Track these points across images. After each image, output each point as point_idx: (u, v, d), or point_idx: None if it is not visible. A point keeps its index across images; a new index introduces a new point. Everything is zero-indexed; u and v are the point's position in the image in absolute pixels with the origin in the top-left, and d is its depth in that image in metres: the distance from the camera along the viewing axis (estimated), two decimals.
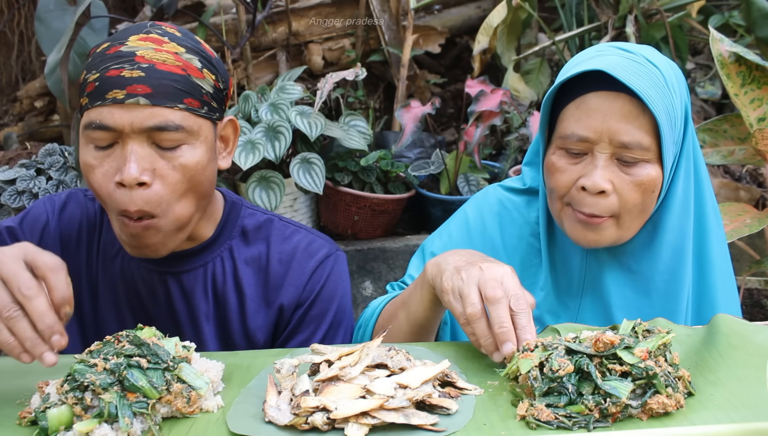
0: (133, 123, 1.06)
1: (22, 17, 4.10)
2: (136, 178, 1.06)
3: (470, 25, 4.06)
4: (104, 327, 1.26)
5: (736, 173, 3.58)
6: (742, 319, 1.06)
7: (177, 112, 1.09)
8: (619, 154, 1.14)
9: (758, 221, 2.24)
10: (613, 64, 1.12)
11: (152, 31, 1.12)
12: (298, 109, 2.80)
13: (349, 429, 0.80)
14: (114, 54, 1.09)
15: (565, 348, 0.88)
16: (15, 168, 2.89)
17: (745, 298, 3.02)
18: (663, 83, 1.13)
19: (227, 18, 3.66)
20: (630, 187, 1.14)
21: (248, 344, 1.26)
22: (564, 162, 1.18)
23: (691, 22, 3.32)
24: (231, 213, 1.29)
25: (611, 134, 1.12)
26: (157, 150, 1.09)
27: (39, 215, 1.29)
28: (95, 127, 1.08)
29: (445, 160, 3.09)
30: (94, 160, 1.10)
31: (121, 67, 1.07)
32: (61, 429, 0.83)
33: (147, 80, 1.07)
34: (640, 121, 1.12)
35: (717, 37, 2.29)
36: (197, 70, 1.12)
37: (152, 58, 1.08)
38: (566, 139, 1.16)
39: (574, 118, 1.15)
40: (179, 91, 1.09)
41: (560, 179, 1.18)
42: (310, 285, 1.27)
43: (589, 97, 1.14)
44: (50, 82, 2.76)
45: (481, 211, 1.40)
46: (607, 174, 1.13)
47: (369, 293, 2.99)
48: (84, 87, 1.11)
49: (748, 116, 2.27)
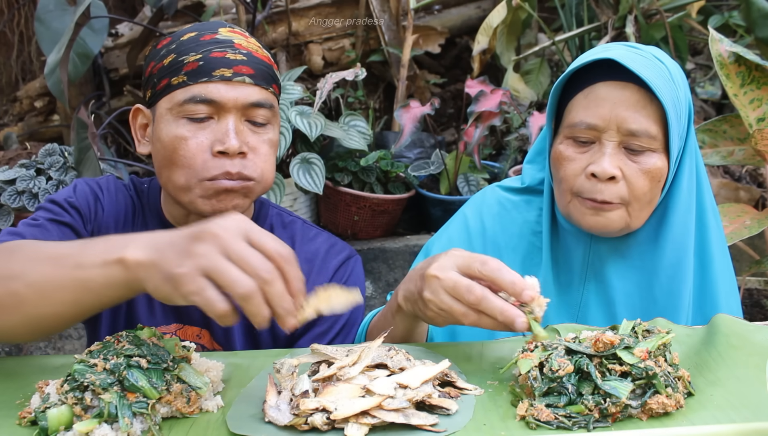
0: (237, 98, 1.18)
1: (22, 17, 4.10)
2: (238, 147, 1.17)
3: (470, 25, 4.06)
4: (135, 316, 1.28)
5: (735, 174, 3.58)
6: (741, 319, 1.06)
7: (269, 94, 1.23)
8: (626, 143, 1.15)
9: (758, 222, 2.24)
10: (622, 55, 1.14)
11: (234, 27, 1.25)
12: (298, 109, 2.80)
13: (349, 429, 0.80)
14: (212, 40, 1.20)
15: (564, 348, 0.88)
16: (15, 168, 2.89)
17: (745, 298, 3.02)
18: (669, 77, 1.16)
19: (227, 18, 3.66)
20: (638, 175, 1.15)
21: (272, 334, 1.31)
22: (572, 151, 1.19)
23: (690, 23, 3.32)
24: (261, 210, 1.37)
25: (619, 122, 1.14)
26: (250, 126, 1.21)
27: (89, 192, 1.30)
28: (199, 100, 1.17)
29: (445, 161, 3.09)
30: (187, 132, 1.18)
31: (224, 51, 1.19)
32: (61, 429, 0.83)
33: (249, 63, 1.20)
34: (648, 111, 1.14)
35: (716, 38, 2.29)
36: (275, 63, 1.27)
37: (248, 47, 1.22)
38: (574, 128, 1.18)
39: (582, 107, 1.17)
40: (270, 77, 1.23)
41: (568, 168, 1.19)
42: (333, 282, 1.32)
43: (597, 86, 1.17)
44: (50, 82, 2.76)
45: (480, 213, 1.40)
46: (615, 161, 1.15)
47: (369, 292, 2.99)
48: (177, 67, 1.19)
49: (747, 116, 2.27)
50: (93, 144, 2.52)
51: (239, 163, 1.18)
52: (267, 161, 1.22)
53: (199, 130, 1.18)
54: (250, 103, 1.19)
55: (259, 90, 1.20)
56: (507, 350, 1.03)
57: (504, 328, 0.93)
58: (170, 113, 1.19)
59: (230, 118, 1.18)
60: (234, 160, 1.17)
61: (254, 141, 1.21)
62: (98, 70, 3.66)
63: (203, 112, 1.18)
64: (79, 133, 2.60)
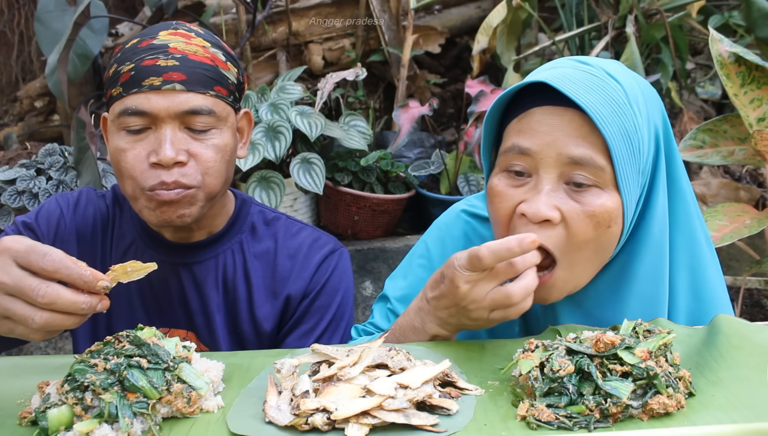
0: (169, 107, 1.13)
1: (23, 17, 4.10)
2: (172, 158, 1.13)
3: (470, 25, 4.06)
4: (115, 320, 1.30)
5: (736, 173, 3.58)
6: (742, 319, 1.05)
7: (209, 98, 1.17)
8: (569, 176, 0.98)
9: (758, 221, 2.24)
10: (561, 76, 0.98)
11: (179, 27, 1.20)
12: (298, 109, 2.80)
13: (349, 430, 0.80)
14: (147, 46, 1.16)
15: (565, 348, 0.88)
16: (15, 168, 2.89)
17: (745, 298, 3.02)
18: (623, 100, 0.98)
19: (227, 18, 3.66)
20: (581, 218, 0.97)
21: (255, 332, 1.31)
22: (504, 184, 1.02)
23: (691, 22, 3.32)
24: (242, 209, 1.36)
25: (559, 148, 0.97)
26: (190, 133, 1.16)
27: (53, 211, 1.32)
28: (131, 112, 1.14)
29: (445, 161, 3.09)
30: (126, 144, 1.16)
31: (156, 57, 1.14)
32: (62, 429, 0.83)
33: (181, 68, 1.14)
34: (592, 139, 0.97)
35: (717, 38, 2.29)
36: (223, 62, 1.20)
37: (184, 50, 1.16)
38: (507, 155, 1.01)
39: (515, 131, 1.02)
40: (210, 79, 1.17)
41: (500, 206, 1.03)
42: (317, 277, 1.32)
43: (533, 110, 1.00)
44: (51, 82, 2.76)
45: (444, 247, 1.27)
46: (553, 200, 0.97)
47: (369, 292, 2.99)
48: (116, 78, 1.16)
49: (747, 116, 2.27)
50: (91, 144, 2.52)
51: (177, 172, 1.14)
52: (212, 167, 1.18)
53: (137, 142, 1.15)
54: (183, 112, 1.15)
55: (194, 96, 1.15)
56: (508, 351, 1.03)
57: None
58: (113, 125, 1.18)
59: (166, 128, 1.14)
60: (171, 170, 1.14)
61: (195, 148, 1.16)
62: (98, 70, 3.66)
63: (138, 123, 1.15)
64: (78, 133, 2.61)
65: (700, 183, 2.88)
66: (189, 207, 1.17)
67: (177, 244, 1.30)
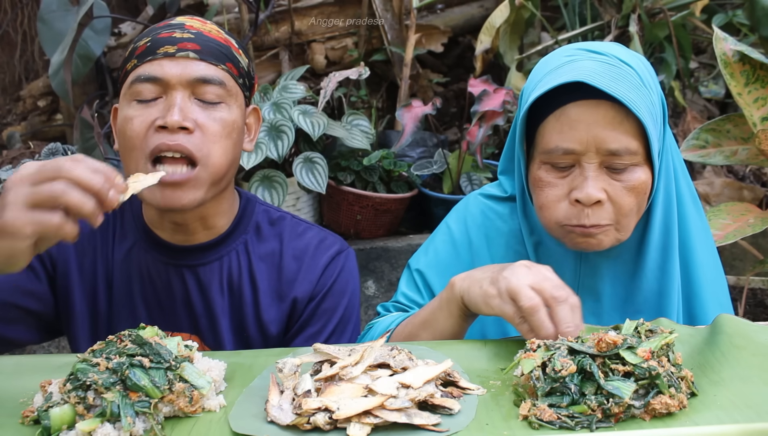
0: (181, 74, 1.14)
1: (26, 17, 4.11)
2: (179, 121, 1.11)
3: (473, 24, 4.06)
4: (116, 321, 1.28)
5: (739, 173, 3.57)
6: (744, 319, 1.05)
7: (220, 71, 1.18)
8: (608, 163, 1.11)
9: (761, 220, 2.24)
10: (590, 71, 1.09)
11: (198, 18, 1.25)
12: (301, 109, 2.80)
13: (351, 429, 0.80)
14: (164, 25, 1.20)
15: (567, 348, 0.88)
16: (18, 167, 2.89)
17: (748, 298, 3.01)
18: (640, 82, 1.11)
19: (230, 17, 3.66)
20: (623, 194, 1.12)
21: (262, 336, 1.29)
22: (551, 177, 1.14)
23: (694, 21, 3.31)
24: (246, 208, 1.33)
25: (598, 143, 1.09)
26: (200, 104, 1.16)
27: None
28: (143, 79, 1.14)
29: (448, 160, 3.09)
30: (135, 112, 1.15)
31: (172, 31, 1.18)
32: (64, 428, 0.83)
33: (196, 40, 1.17)
34: (625, 127, 1.09)
35: (720, 36, 2.28)
36: (236, 47, 1.23)
37: (200, 28, 1.20)
38: (551, 154, 1.13)
39: (556, 131, 1.12)
40: (223, 55, 1.19)
41: (550, 194, 1.15)
42: (323, 279, 1.30)
43: (568, 108, 1.11)
44: (54, 83, 2.76)
45: (465, 224, 1.36)
46: (599, 183, 1.11)
47: (372, 292, 2.99)
48: (132, 53, 1.18)
49: (751, 115, 2.27)
50: (99, 143, 2.53)
51: (182, 137, 1.12)
52: (217, 143, 1.16)
53: (146, 109, 1.14)
54: (195, 79, 1.14)
55: (206, 65, 1.16)
56: (510, 350, 1.03)
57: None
58: (125, 99, 1.18)
59: (176, 95, 1.14)
60: (176, 134, 1.12)
61: (203, 118, 1.15)
62: (101, 70, 3.67)
63: (150, 91, 1.14)
64: (83, 133, 2.61)
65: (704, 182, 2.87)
66: (194, 189, 1.14)
67: (180, 246, 1.27)
